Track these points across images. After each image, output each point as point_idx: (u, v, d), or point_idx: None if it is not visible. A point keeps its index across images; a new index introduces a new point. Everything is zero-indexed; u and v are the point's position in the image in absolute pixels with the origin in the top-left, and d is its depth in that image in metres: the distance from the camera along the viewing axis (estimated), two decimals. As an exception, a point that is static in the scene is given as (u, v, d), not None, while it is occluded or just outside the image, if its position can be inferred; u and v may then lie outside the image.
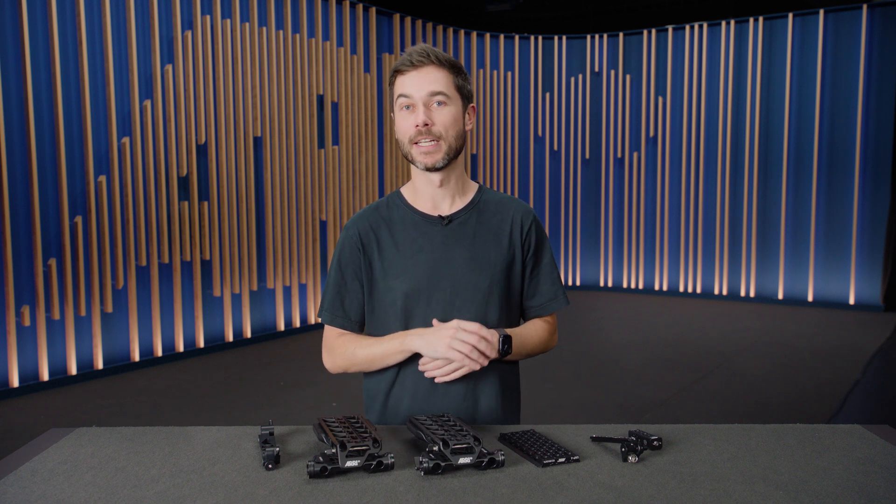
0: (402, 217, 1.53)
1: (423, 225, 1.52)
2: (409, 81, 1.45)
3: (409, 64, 1.45)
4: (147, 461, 1.26)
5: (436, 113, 1.45)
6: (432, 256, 1.49)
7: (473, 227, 1.53)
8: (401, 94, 1.47)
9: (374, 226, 1.53)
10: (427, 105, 1.45)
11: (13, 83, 4.62)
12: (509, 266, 1.53)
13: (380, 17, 7.34)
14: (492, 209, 1.56)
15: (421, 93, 1.45)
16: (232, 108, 5.98)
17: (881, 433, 1.39)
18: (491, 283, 1.50)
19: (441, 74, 1.46)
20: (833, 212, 7.62)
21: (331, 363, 1.55)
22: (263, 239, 6.32)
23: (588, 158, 9.02)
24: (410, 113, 1.46)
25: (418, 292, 1.48)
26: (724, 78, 8.07)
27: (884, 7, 7.28)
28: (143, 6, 5.39)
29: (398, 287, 1.48)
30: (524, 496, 1.11)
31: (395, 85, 1.49)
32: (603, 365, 5.36)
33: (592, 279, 9.12)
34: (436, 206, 1.53)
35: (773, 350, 5.81)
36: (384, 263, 1.50)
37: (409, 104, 1.46)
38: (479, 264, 1.50)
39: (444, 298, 1.48)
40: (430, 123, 1.44)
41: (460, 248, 1.50)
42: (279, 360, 5.68)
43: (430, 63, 1.46)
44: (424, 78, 1.45)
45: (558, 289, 1.59)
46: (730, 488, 1.13)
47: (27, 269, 4.72)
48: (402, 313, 1.49)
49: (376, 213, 1.55)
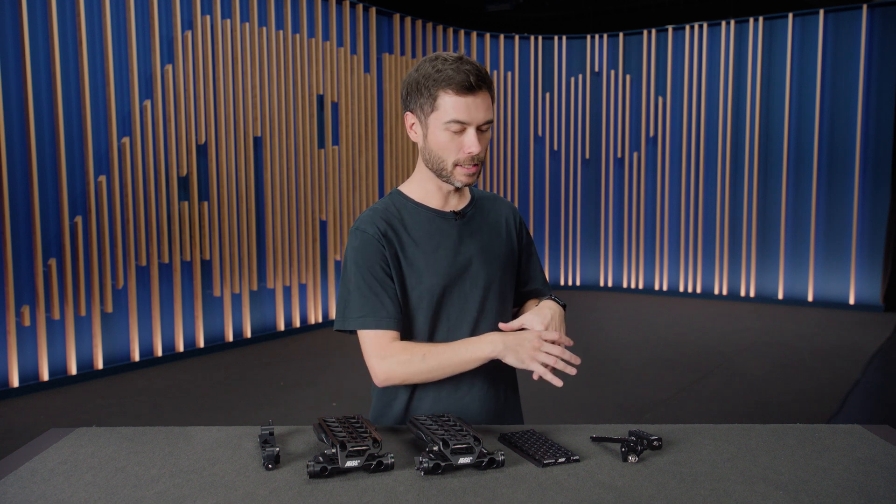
0: (415, 215, 1.51)
1: (438, 221, 1.51)
2: (467, 107, 1.39)
3: (469, 87, 1.38)
4: (147, 461, 1.26)
5: (483, 139, 1.44)
6: (452, 251, 1.50)
7: (479, 222, 1.55)
8: (456, 119, 1.39)
9: (390, 224, 1.48)
10: (478, 130, 1.42)
11: (13, 83, 4.62)
12: (510, 259, 1.58)
13: (380, 17, 7.34)
14: (487, 206, 1.60)
15: (478, 120, 1.41)
16: (232, 108, 5.98)
17: (881, 433, 1.39)
18: (502, 275, 1.54)
19: (489, 100, 1.43)
20: (833, 212, 7.62)
21: (388, 372, 1.42)
22: (263, 239, 6.32)
23: (588, 158, 9.02)
24: (458, 135, 1.41)
25: (444, 287, 1.48)
26: (724, 78, 8.07)
27: (884, 7, 7.28)
28: (143, 6, 5.39)
29: (424, 283, 1.47)
30: (524, 496, 1.11)
31: (439, 99, 1.39)
32: (603, 365, 5.36)
33: (592, 279, 9.12)
34: (444, 203, 1.54)
35: (773, 350, 5.81)
36: (408, 261, 1.48)
37: (461, 129, 1.41)
38: (490, 256, 1.53)
39: (463, 293, 1.49)
40: (480, 151, 1.43)
41: (473, 242, 1.52)
42: (279, 360, 5.68)
43: (486, 88, 1.41)
44: (481, 104, 1.40)
45: (545, 279, 1.70)
46: (730, 488, 1.13)
47: (27, 269, 4.72)
48: (430, 309, 1.47)
49: (386, 212, 1.49)
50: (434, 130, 1.42)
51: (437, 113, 1.41)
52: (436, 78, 1.39)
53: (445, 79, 1.38)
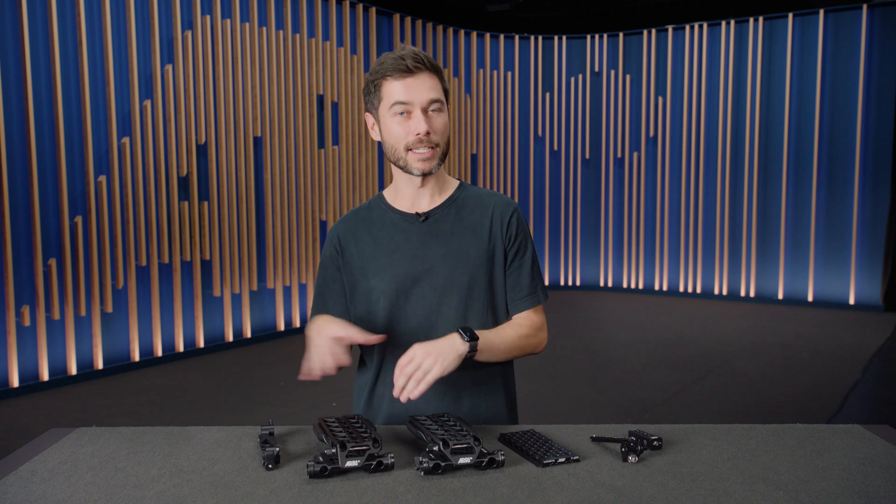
0: (381, 217, 1.55)
1: (401, 223, 1.52)
2: (406, 88, 1.42)
3: (405, 70, 1.42)
4: (147, 461, 1.26)
5: (434, 120, 1.45)
6: (409, 253, 1.50)
7: (451, 224, 1.52)
8: (397, 101, 1.43)
9: (352, 227, 1.55)
10: (424, 112, 1.44)
11: (13, 83, 4.62)
12: (490, 261, 1.51)
13: (380, 17, 7.34)
14: (471, 205, 1.54)
15: (420, 99, 1.43)
16: (232, 108, 5.98)
17: (881, 433, 1.39)
18: (471, 279, 1.49)
19: (435, 81, 1.45)
20: (833, 212, 7.61)
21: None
22: (263, 239, 6.32)
23: (588, 158, 9.02)
24: (406, 119, 1.44)
25: (399, 289, 1.49)
26: (724, 78, 8.07)
27: (884, 7, 7.28)
28: (143, 6, 5.39)
29: (379, 285, 1.50)
30: (524, 496, 1.11)
31: (382, 89, 1.45)
32: (603, 365, 5.36)
33: (592, 279, 9.12)
34: (414, 204, 1.53)
35: (773, 350, 5.81)
36: (364, 262, 1.52)
37: (405, 111, 1.44)
38: (458, 260, 1.49)
39: (421, 296, 1.49)
40: (430, 132, 1.44)
41: (437, 244, 1.50)
42: (279, 360, 5.68)
43: (426, 69, 1.44)
44: (422, 85, 1.43)
45: (537, 284, 1.54)
46: (730, 488, 1.13)
47: (27, 269, 4.72)
48: (384, 312, 1.49)
49: (356, 215, 1.58)
50: (384, 121, 1.47)
51: (383, 102, 1.46)
52: (378, 70, 1.45)
53: (385, 68, 1.44)
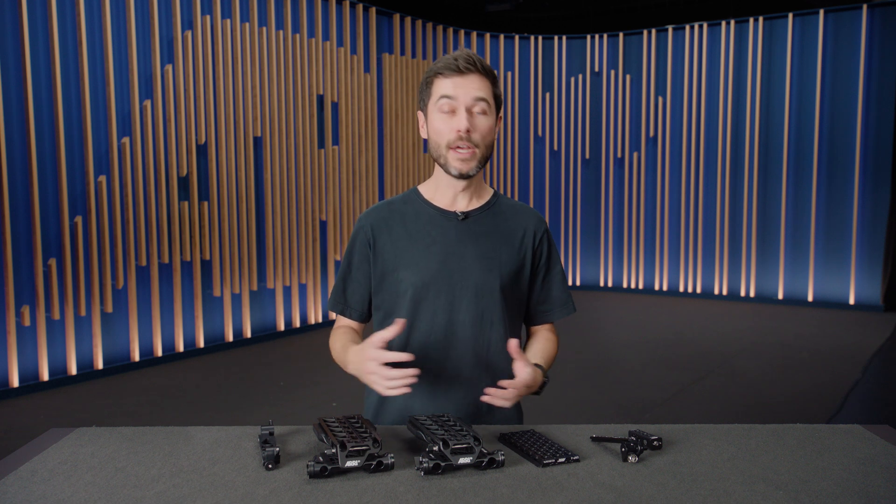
0: (418, 211, 1.54)
1: (439, 219, 1.52)
2: (454, 85, 1.44)
3: (456, 69, 1.44)
4: (147, 461, 1.26)
5: (477, 120, 1.45)
6: (446, 250, 1.50)
7: (488, 227, 1.54)
8: (444, 94, 1.44)
9: (386, 218, 1.54)
10: (469, 111, 1.44)
11: (13, 83, 4.62)
12: (519, 270, 1.55)
13: (380, 17, 7.34)
14: (507, 213, 1.57)
15: (466, 98, 1.44)
16: (232, 108, 5.98)
17: (881, 433, 1.39)
18: (500, 283, 1.51)
19: (485, 83, 1.46)
20: (833, 212, 7.62)
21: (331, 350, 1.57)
22: (263, 239, 6.32)
23: (588, 158, 9.02)
24: (451, 116, 1.45)
25: (428, 284, 1.49)
26: (724, 78, 8.07)
27: (884, 7, 7.28)
28: (143, 6, 5.39)
29: (409, 278, 1.49)
30: (524, 496, 1.11)
31: (433, 85, 1.47)
32: (603, 365, 5.36)
33: (592, 279, 9.12)
34: (453, 203, 1.54)
35: (773, 350, 5.81)
36: (396, 254, 1.51)
37: (451, 107, 1.44)
38: (490, 263, 1.51)
39: (450, 292, 1.49)
40: (471, 130, 1.44)
41: (473, 245, 1.51)
42: (279, 360, 5.68)
43: (476, 71, 1.45)
44: (470, 84, 1.44)
45: (568, 297, 1.64)
46: (730, 488, 1.13)
47: (27, 269, 4.72)
48: (410, 304, 1.49)
49: (390, 206, 1.56)
50: (431, 117, 1.49)
51: (432, 99, 1.48)
52: (431, 68, 1.49)
53: (438, 66, 1.47)
